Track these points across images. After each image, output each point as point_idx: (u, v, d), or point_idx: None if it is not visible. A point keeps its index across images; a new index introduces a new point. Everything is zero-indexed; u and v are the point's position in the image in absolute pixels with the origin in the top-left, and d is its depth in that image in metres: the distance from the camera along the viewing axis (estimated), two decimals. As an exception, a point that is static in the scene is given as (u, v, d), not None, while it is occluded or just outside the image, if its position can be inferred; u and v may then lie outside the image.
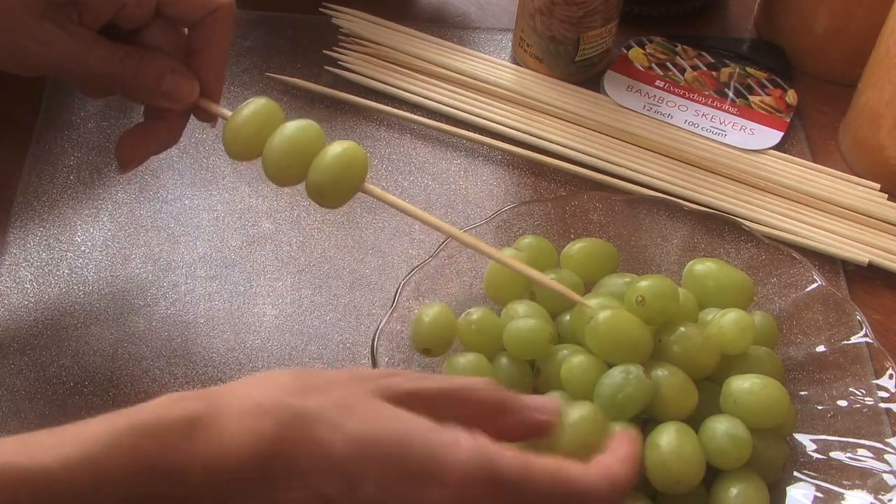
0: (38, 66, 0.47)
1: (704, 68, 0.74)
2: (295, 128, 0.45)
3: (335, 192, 0.44)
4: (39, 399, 0.54)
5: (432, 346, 0.51)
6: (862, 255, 0.63)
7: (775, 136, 0.70)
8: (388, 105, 0.69)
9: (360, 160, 0.44)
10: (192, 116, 0.51)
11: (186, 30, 0.50)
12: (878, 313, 0.61)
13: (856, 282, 0.63)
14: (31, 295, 0.58)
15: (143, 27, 0.48)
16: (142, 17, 0.48)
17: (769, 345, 0.54)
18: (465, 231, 0.58)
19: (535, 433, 0.39)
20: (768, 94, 0.72)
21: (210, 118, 0.50)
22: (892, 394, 0.53)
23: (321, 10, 0.74)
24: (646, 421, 0.50)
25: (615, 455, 0.39)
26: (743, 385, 0.49)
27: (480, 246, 0.44)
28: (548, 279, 0.45)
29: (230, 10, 0.49)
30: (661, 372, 0.49)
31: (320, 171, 0.44)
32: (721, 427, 0.48)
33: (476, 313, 0.52)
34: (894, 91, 0.64)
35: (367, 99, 0.69)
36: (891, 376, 0.53)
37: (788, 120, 0.71)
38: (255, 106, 0.46)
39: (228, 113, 0.47)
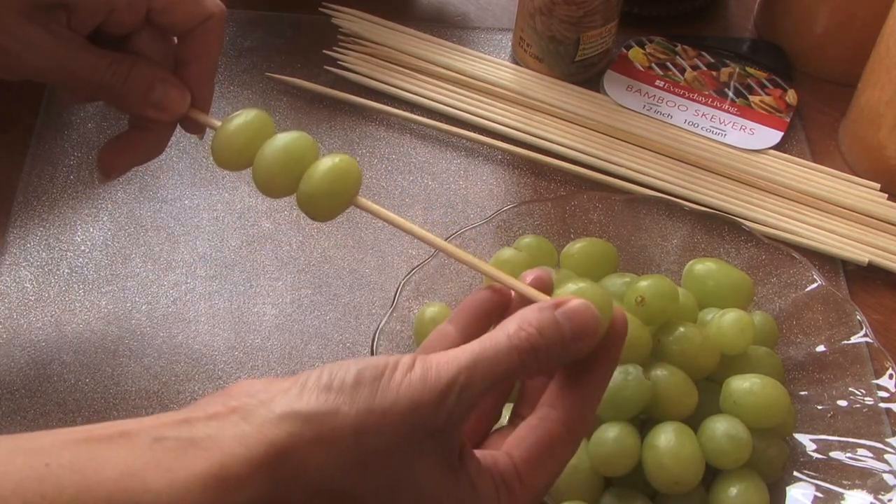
0: (23, 69, 0.45)
1: (704, 68, 0.74)
2: (288, 138, 0.44)
3: (327, 204, 0.43)
4: (40, 397, 0.54)
5: None
6: (862, 255, 0.63)
7: (775, 135, 0.70)
8: (388, 105, 0.69)
9: (354, 173, 0.43)
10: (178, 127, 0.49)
11: (175, 39, 0.48)
12: (878, 313, 0.61)
13: (856, 282, 0.63)
14: (31, 294, 0.58)
15: (131, 34, 0.47)
16: (131, 24, 0.46)
17: (769, 345, 0.54)
18: (465, 231, 0.58)
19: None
20: (768, 94, 0.72)
21: (198, 130, 0.48)
22: (892, 394, 0.53)
23: (321, 9, 0.74)
24: (644, 421, 0.50)
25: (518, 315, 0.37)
26: (743, 385, 0.49)
27: (476, 263, 0.43)
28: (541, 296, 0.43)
29: (221, 20, 0.47)
30: (660, 372, 0.49)
31: (313, 182, 0.42)
32: (721, 427, 0.48)
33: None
34: (894, 91, 0.64)
35: (367, 99, 0.69)
36: (891, 376, 0.53)
37: (788, 120, 0.71)
38: (246, 116, 0.44)
39: (218, 123, 0.46)
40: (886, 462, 0.51)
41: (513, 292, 0.42)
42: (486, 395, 0.36)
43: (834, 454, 0.52)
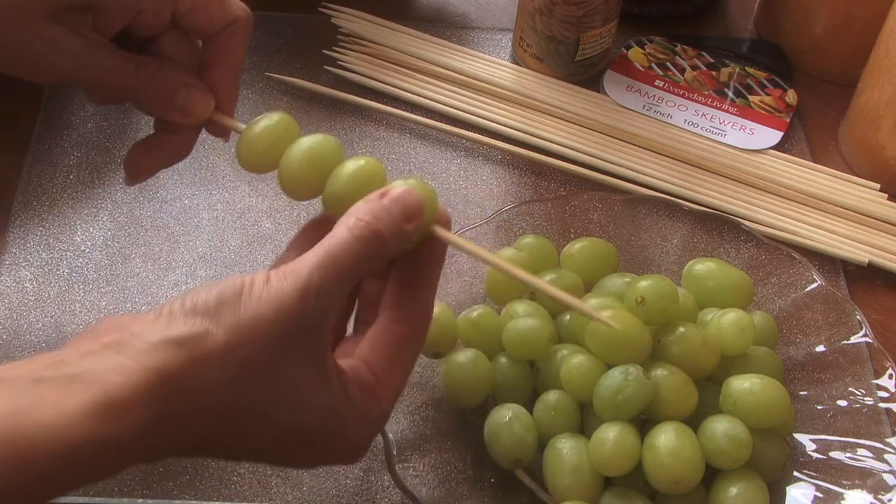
0: (48, 71, 0.45)
1: (704, 68, 0.74)
2: (314, 140, 0.44)
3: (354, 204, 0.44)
4: (39, 399, 0.54)
5: (441, 349, 0.51)
6: (862, 255, 0.63)
7: (775, 136, 0.70)
8: (388, 105, 0.69)
9: (379, 174, 0.44)
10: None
11: (200, 42, 0.48)
12: (877, 313, 0.61)
13: (856, 282, 0.63)
14: (31, 294, 0.58)
15: (156, 37, 0.47)
16: (157, 26, 0.46)
17: (769, 345, 0.54)
18: (465, 231, 0.58)
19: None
20: (768, 94, 0.72)
21: (222, 133, 0.48)
22: (891, 394, 0.53)
23: (321, 9, 0.74)
24: (644, 421, 0.50)
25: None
26: (743, 385, 0.49)
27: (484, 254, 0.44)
28: (550, 287, 0.43)
29: (247, 23, 0.47)
30: (660, 372, 0.49)
31: (340, 183, 0.43)
32: (721, 427, 0.48)
33: (476, 311, 0.52)
34: (894, 91, 0.64)
35: (367, 99, 0.69)
36: (890, 376, 0.54)
37: (788, 120, 0.71)
38: (270, 119, 0.44)
39: (242, 126, 0.46)
40: (886, 462, 0.51)
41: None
42: (343, 292, 0.39)
43: (834, 454, 0.52)
